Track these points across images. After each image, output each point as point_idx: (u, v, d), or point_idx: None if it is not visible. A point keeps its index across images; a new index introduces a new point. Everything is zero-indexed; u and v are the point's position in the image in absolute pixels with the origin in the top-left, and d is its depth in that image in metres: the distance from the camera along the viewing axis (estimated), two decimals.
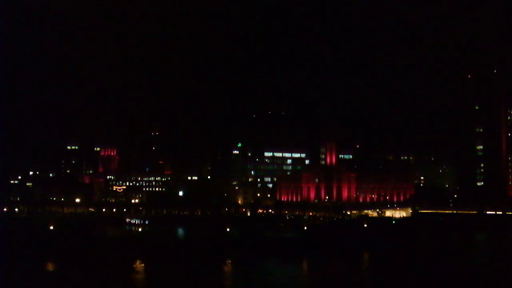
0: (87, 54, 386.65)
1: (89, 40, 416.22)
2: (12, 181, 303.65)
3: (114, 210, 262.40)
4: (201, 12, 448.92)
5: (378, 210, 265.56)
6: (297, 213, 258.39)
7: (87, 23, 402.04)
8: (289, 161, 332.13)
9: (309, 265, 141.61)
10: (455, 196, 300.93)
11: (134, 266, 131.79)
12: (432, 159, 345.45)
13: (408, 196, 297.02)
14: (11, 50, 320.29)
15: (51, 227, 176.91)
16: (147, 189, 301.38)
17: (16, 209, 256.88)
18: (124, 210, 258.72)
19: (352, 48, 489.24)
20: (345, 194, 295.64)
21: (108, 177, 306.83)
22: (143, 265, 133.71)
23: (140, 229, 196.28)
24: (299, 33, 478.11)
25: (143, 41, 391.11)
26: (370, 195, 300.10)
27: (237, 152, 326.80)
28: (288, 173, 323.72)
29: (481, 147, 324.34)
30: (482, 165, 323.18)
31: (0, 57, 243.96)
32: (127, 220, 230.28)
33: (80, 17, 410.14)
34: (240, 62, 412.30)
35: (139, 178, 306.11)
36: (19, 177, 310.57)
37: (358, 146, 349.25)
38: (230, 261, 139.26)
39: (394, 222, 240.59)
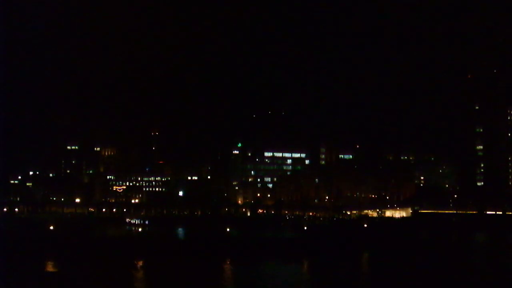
0: (87, 53, 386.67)
1: (89, 39, 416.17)
2: (12, 181, 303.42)
3: (114, 210, 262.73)
4: (201, 12, 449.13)
5: (378, 210, 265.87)
6: (297, 213, 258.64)
7: (87, 22, 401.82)
8: (289, 161, 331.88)
9: (309, 265, 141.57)
10: (455, 196, 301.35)
11: (134, 266, 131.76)
12: (432, 159, 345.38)
13: (408, 196, 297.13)
14: (11, 49, 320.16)
15: (51, 227, 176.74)
16: (147, 189, 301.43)
17: (16, 209, 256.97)
18: (124, 210, 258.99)
19: (352, 48, 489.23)
20: (345, 194, 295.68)
21: (108, 177, 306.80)
22: (143, 265, 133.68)
23: (140, 229, 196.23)
24: (299, 32, 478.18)
25: (144, 41, 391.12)
26: (370, 195, 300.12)
27: (237, 152, 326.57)
28: (288, 173, 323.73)
29: (481, 147, 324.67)
30: (482, 165, 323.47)
31: (0, 57, 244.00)
32: (127, 220, 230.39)
33: (80, 17, 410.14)
34: (240, 61, 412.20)
35: (139, 178, 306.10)
36: (19, 177, 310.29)
37: (358, 146, 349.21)
38: (230, 261, 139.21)
39: (394, 222, 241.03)
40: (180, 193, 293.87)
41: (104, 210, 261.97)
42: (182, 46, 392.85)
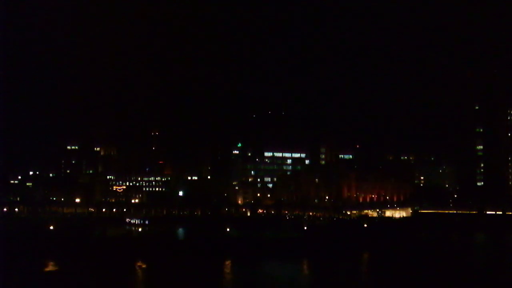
0: (87, 53, 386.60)
1: (89, 39, 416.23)
2: (12, 181, 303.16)
3: (114, 210, 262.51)
4: (201, 12, 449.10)
5: (378, 210, 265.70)
6: (297, 213, 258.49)
7: (86, 22, 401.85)
8: (289, 161, 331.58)
9: (309, 265, 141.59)
10: (455, 196, 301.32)
11: (134, 266, 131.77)
12: (432, 159, 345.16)
13: (408, 196, 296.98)
14: (11, 50, 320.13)
15: (51, 227, 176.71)
16: (147, 189, 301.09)
17: (16, 209, 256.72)
18: (124, 210, 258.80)
19: (352, 48, 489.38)
20: (345, 194, 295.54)
21: (108, 177, 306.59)
22: (143, 265, 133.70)
23: (140, 229, 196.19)
24: (299, 32, 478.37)
25: (144, 41, 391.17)
26: (370, 195, 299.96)
27: (237, 152, 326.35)
28: (288, 173, 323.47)
29: (481, 147, 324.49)
30: (482, 165, 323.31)
31: (0, 57, 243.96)
32: (127, 220, 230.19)
33: (79, 17, 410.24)
34: (240, 62, 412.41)
35: (139, 178, 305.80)
36: (19, 177, 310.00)
37: (358, 146, 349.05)
38: (230, 261, 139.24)
39: (394, 222, 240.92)
40: (180, 193, 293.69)
41: (104, 210, 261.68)
42: (182, 46, 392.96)
